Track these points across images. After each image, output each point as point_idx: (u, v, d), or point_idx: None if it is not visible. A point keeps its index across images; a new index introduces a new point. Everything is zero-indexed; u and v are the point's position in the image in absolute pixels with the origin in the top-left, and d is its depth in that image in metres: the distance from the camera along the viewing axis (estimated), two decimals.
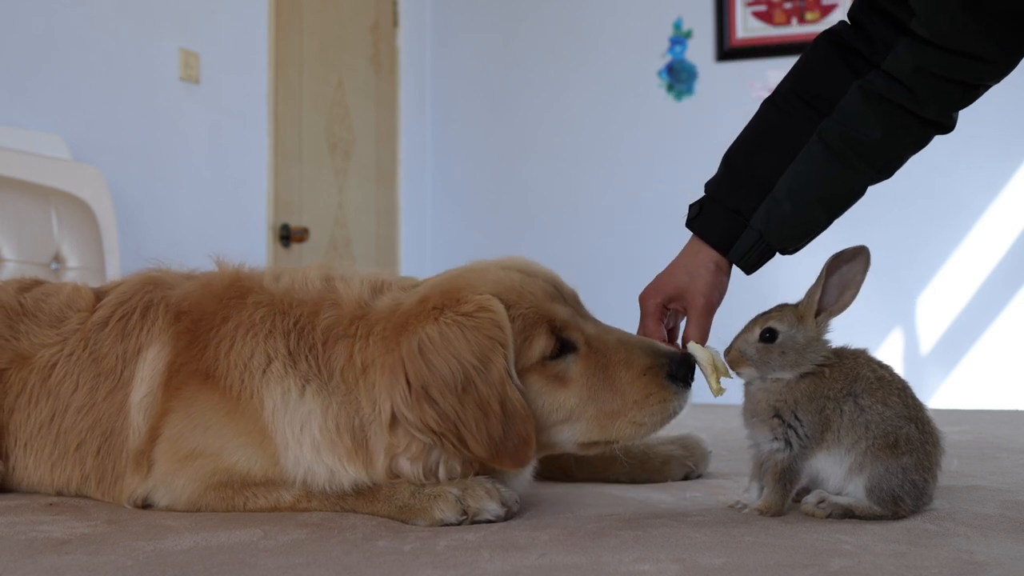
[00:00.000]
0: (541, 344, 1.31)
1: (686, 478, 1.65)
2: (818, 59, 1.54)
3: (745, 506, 1.33)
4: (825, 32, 1.56)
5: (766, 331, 1.31)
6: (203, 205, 3.85)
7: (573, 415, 1.33)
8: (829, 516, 1.27)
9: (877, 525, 1.22)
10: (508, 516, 1.29)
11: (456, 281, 1.35)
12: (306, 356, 1.36)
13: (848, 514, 1.26)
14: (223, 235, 3.86)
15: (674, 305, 1.52)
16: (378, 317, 1.36)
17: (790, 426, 1.28)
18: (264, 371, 1.36)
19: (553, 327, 1.32)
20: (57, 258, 2.86)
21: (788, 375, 1.30)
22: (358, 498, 1.33)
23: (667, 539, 1.16)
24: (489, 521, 1.27)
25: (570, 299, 1.40)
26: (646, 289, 1.55)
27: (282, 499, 1.36)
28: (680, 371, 1.33)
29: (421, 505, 1.27)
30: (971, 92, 1.49)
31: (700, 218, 1.55)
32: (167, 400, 1.42)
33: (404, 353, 1.28)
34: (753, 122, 1.58)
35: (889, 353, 4.72)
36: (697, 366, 1.37)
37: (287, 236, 4.31)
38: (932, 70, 1.44)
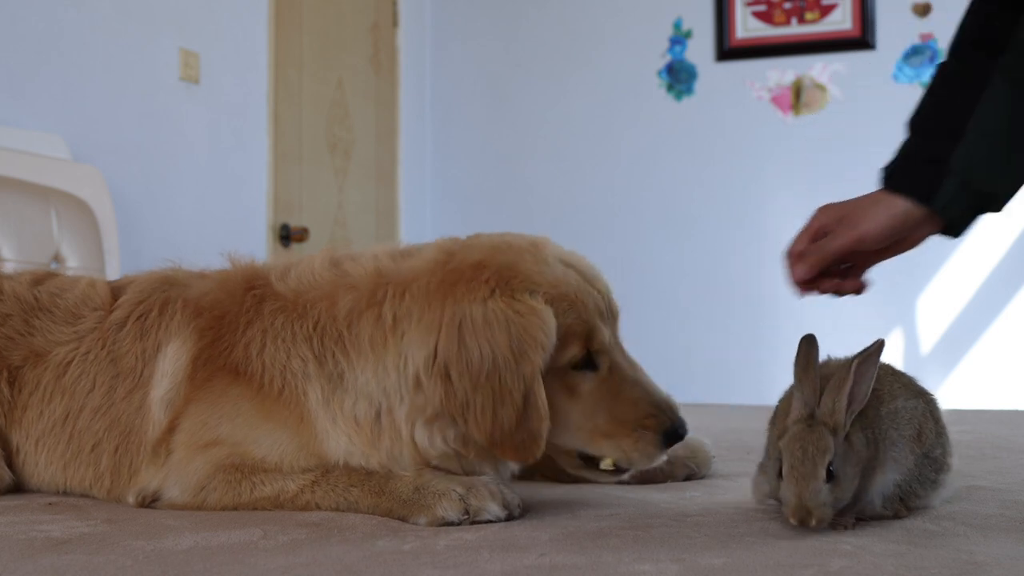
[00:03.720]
0: (572, 353, 1.32)
1: (688, 479, 1.65)
2: (980, 6, 1.53)
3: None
4: None
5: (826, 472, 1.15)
6: (203, 205, 3.85)
7: (572, 426, 1.35)
8: None
9: (877, 525, 1.22)
10: (508, 519, 1.29)
11: (518, 264, 1.34)
12: (332, 354, 1.37)
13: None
14: (223, 235, 3.86)
15: (832, 228, 1.43)
16: (420, 271, 1.36)
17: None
18: (303, 371, 1.38)
19: (589, 343, 1.33)
20: (57, 258, 2.86)
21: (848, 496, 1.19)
22: (362, 489, 1.33)
23: (667, 539, 1.16)
24: (488, 522, 1.27)
25: (613, 321, 1.40)
26: (821, 207, 1.46)
27: (286, 488, 1.36)
28: (673, 434, 1.34)
29: (424, 502, 1.27)
30: None
31: (894, 176, 1.45)
32: (192, 392, 1.42)
33: (444, 320, 1.28)
34: (931, 82, 1.55)
35: (889, 353, 4.71)
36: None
37: (287, 236, 4.31)
38: None
